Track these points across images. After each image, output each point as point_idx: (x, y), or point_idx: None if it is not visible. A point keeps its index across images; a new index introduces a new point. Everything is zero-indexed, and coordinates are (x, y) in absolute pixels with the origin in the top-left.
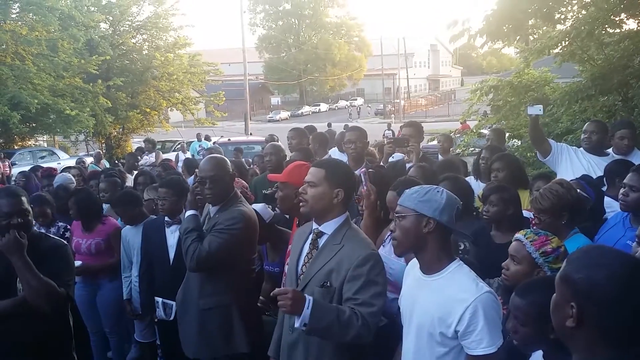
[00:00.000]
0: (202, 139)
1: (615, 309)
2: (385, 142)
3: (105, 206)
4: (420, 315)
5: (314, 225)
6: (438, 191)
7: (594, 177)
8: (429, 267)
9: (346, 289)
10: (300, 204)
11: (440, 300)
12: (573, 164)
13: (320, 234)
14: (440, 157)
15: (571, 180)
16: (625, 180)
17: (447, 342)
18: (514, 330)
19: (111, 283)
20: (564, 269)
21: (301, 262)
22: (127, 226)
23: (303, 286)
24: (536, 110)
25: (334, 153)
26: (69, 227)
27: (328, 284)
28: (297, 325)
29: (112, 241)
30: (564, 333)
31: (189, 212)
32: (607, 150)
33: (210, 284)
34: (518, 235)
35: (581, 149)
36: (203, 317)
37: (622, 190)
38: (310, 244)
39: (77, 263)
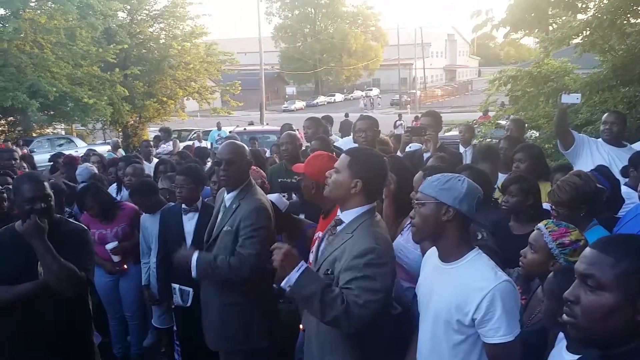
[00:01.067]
0: (221, 128)
1: None
2: (396, 132)
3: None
4: (438, 303)
5: (338, 212)
6: (459, 180)
7: (615, 168)
8: (448, 255)
9: (342, 277)
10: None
11: (458, 288)
12: (593, 155)
13: (339, 222)
14: (461, 147)
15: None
16: None
17: (464, 330)
18: (542, 300)
19: (135, 267)
20: (617, 269)
21: (322, 247)
22: (146, 214)
23: (316, 271)
24: (573, 99)
25: (349, 142)
26: (73, 213)
27: (330, 272)
28: (282, 284)
29: (136, 223)
30: (625, 333)
31: (194, 259)
32: (625, 142)
33: None
34: (539, 224)
35: (600, 140)
36: (224, 311)
37: None
38: (329, 229)
39: (114, 244)
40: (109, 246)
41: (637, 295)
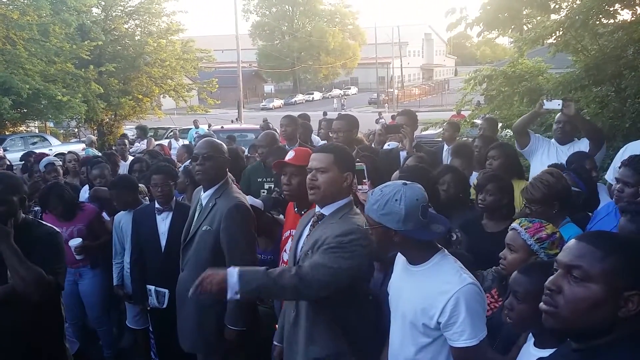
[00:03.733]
0: (199, 126)
1: None
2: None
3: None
4: (405, 305)
5: (317, 209)
6: (396, 200)
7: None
8: (413, 260)
9: (318, 251)
10: (310, 191)
11: (424, 291)
12: (549, 155)
13: (321, 216)
14: (445, 145)
15: (563, 172)
16: (617, 176)
17: (430, 333)
18: (510, 307)
19: (93, 271)
20: (605, 262)
21: (301, 244)
22: (121, 211)
23: (298, 260)
24: (554, 105)
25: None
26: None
27: (309, 252)
28: (229, 297)
29: (95, 225)
30: (604, 326)
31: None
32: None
33: None
34: (513, 224)
35: (553, 140)
36: (202, 313)
37: (617, 186)
38: (311, 226)
39: (78, 240)
40: (73, 243)
41: (621, 291)
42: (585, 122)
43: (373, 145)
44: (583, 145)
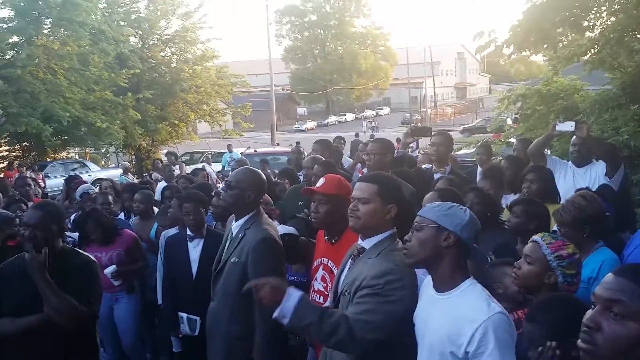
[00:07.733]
0: (232, 150)
1: None
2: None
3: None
4: (432, 334)
5: (359, 242)
6: (462, 208)
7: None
8: (442, 284)
9: (357, 294)
10: (350, 218)
11: (451, 319)
12: (562, 177)
13: (362, 250)
14: (479, 168)
15: None
16: None
17: None
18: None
19: (129, 295)
20: None
21: (342, 277)
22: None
23: (338, 298)
24: (567, 127)
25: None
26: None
27: (347, 292)
28: (275, 315)
29: (133, 251)
30: None
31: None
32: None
33: (243, 312)
34: (535, 237)
35: (569, 162)
36: (231, 344)
37: None
38: (352, 259)
39: (113, 267)
40: (108, 271)
41: None
42: (599, 143)
43: (398, 149)
44: (600, 167)
